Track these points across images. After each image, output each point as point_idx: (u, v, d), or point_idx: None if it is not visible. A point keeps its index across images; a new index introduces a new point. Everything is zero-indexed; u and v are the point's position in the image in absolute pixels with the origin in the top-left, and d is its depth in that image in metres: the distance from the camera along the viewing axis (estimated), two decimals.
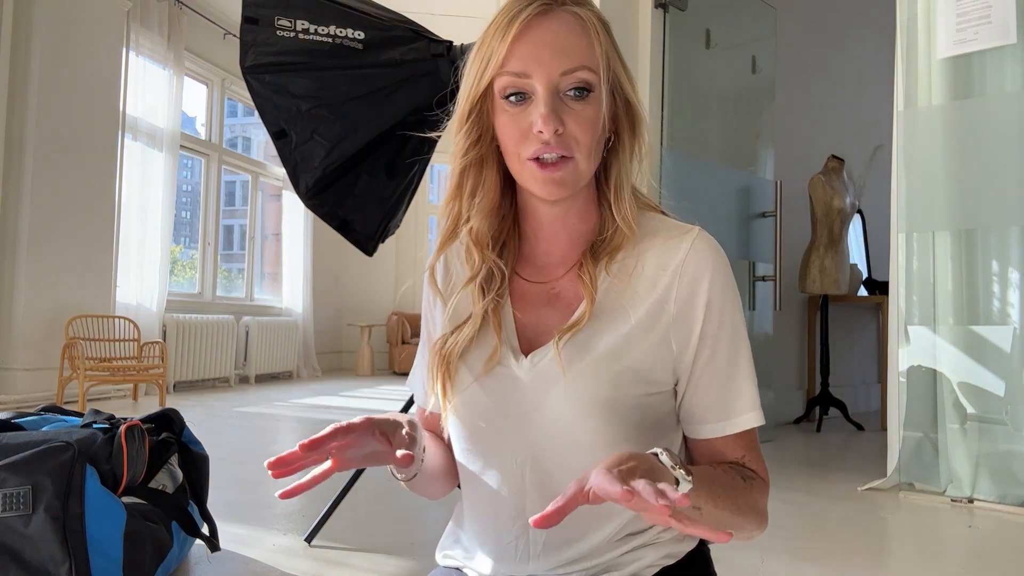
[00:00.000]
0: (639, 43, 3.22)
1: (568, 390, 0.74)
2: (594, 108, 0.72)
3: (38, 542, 1.28)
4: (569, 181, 0.73)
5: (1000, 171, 2.58)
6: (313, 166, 1.90)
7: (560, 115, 0.71)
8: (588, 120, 0.72)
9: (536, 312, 0.79)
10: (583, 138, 0.72)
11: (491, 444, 0.79)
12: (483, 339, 0.79)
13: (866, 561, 1.94)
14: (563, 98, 0.72)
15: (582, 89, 0.71)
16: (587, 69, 0.71)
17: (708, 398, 0.77)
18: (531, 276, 0.81)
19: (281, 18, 1.87)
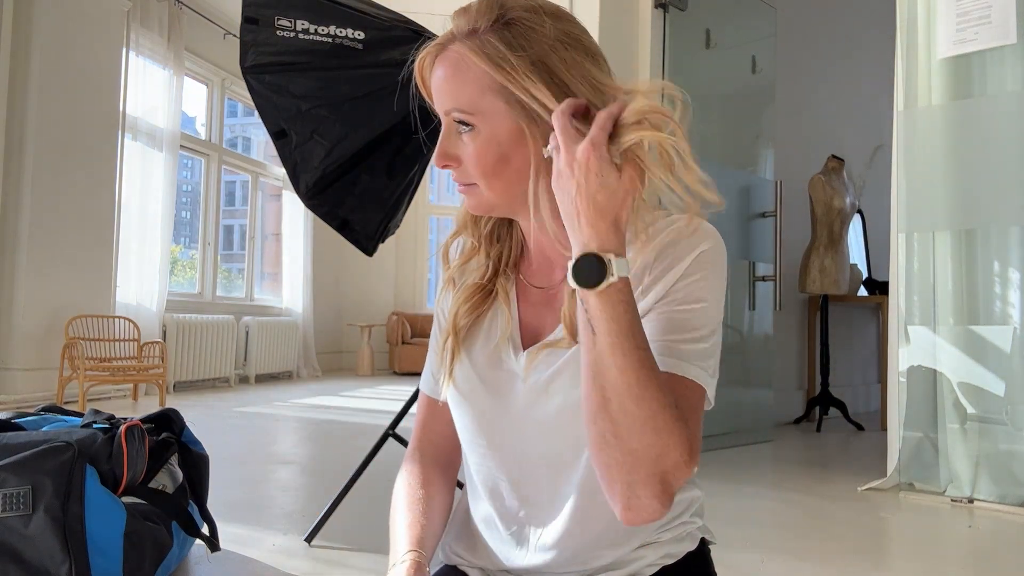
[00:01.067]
0: (639, 43, 3.22)
1: (562, 387, 0.75)
2: (480, 140, 0.74)
3: (38, 542, 1.28)
4: (480, 205, 0.78)
5: (1000, 171, 2.58)
6: (313, 166, 1.90)
7: (452, 151, 0.76)
8: (473, 153, 0.74)
9: (536, 312, 0.81)
10: (474, 169, 0.75)
11: (489, 434, 0.81)
12: (487, 330, 0.82)
13: (866, 561, 1.94)
14: (460, 134, 0.76)
15: (463, 124, 0.74)
16: (457, 110, 0.74)
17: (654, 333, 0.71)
18: (532, 278, 0.83)
19: (281, 18, 1.87)
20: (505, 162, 0.74)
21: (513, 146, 0.74)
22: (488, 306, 0.83)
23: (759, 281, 3.76)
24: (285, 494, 2.54)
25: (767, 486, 2.83)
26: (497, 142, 0.74)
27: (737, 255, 3.66)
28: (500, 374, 0.80)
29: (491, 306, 0.83)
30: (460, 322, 0.83)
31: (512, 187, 0.76)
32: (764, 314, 3.82)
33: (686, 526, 0.82)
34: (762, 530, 2.18)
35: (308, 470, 2.99)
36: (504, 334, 0.81)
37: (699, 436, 0.68)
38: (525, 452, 0.78)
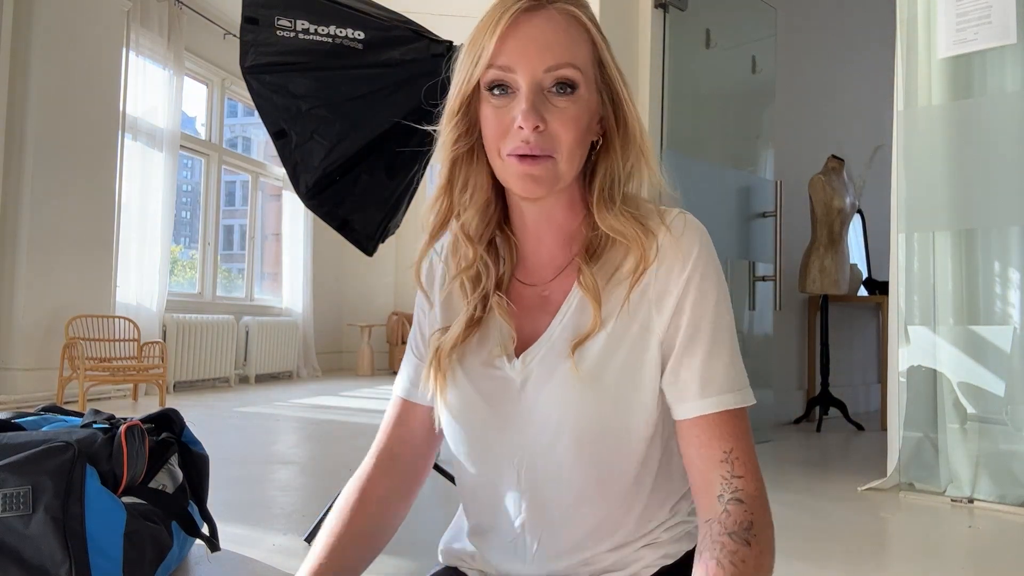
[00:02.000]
0: (639, 43, 3.22)
1: (559, 389, 0.74)
2: (578, 107, 0.71)
3: (38, 542, 1.28)
4: (546, 179, 0.72)
5: (1000, 171, 2.58)
6: (313, 166, 1.90)
7: (542, 112, 0.70)
8: (571, 118, 0.71)
9: (529, 315, 0.79)
10: (565, 136, 0.71)
11: (487, 445, 0.79)
12: (479, 339, 0.79)
13: (866, 561, 1.94)
14: (547, 95, 0.71)
15: (566, 86, 0.70)
16: (572, 67, 0.70)
17: (685, 376, 0.74)
18: (525, 278, 0.81)
19: (281, 18, 1.87)
20: (589, 131, 0.74)
21: (595, 117, 0.74)
22: (483, 322, 0.80)
23: (759, 281, 3.76)
24: (285, 494, 2.54)
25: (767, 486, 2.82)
26: (591, 110, 0.73)
27: (737, 255, 3.66)
28: (496, 383, 0.77)
29: (486, 317, 0.80)
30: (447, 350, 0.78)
31: (582, 161, 0.74)
32: (764, 314, 3.82)
33: (685, 526, 0.82)
34: None
35: (308, 470, 2.99)
36: (499, 341, 0.78)
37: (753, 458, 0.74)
38: (522, 457, 0.77)
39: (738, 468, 0.72)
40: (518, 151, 0.71)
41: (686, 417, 0.74)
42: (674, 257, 0.74)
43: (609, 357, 0.74)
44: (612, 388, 0.74)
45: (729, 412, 0.74)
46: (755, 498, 0.70)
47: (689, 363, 0.74)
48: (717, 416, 0.73)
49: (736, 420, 0.74)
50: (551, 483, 0.76)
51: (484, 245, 0.79)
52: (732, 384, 0.74)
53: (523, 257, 0.81)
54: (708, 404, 0.73)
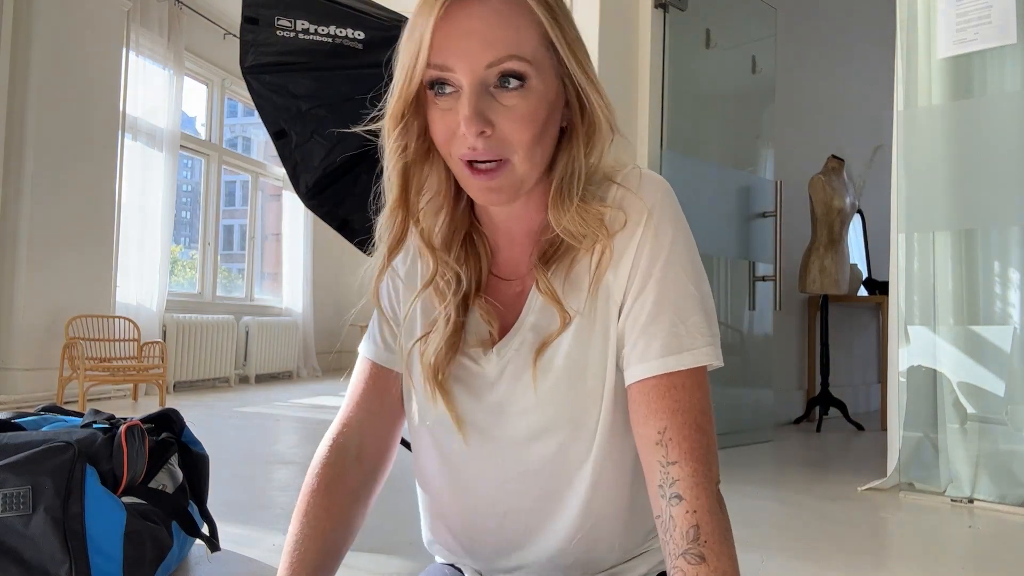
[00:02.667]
0: (639, 43, 3.22)
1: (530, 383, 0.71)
2: (529, 101, 0.63)
3: (38, 542, 1.28)
4: (507, 187, 0.66)
5: (1000, 171, 2.58)
6: (313, 166, 1.90)
7: (487, 114, 0.63)
8: (522, 116, 0.63)
9: (507, 311, 0.75)
10: (517, 137, 0.63)
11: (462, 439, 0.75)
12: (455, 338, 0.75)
13: (866, 561, 1.94)
14: (494, 92, 0.63)
15: (512, 79, 0.62)
16: (516, 58, 0.62)
17: (629, 338, 0.69)
18: (501, 273, 0.77)
19: (281, 18, 1.87)
20: (549, 124, 0.65)
21: (554, 108, 0.66)
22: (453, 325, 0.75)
23: (759, 281, 3.76)
24: (285, 494, 2.54)
25: (767, 486, 2.82)
26: (548, 100, 0.64)
27: (737, 255, 3.66)
28: (469, 375, 0.74)
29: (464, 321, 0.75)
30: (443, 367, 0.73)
31: (544, 160, 0.67)
32: (764, 314, 3.82)
33: None
34: (762, 530, 2.18)
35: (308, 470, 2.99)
36: (475, 336, 0.75)
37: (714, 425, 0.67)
38: (499, 448, 0.74)
39: (672, 451, 0.64)
40: (466, 157, 0.65)
41: (628, 384, 0.69)
42: (630, 220, 0.69)
43: (578, 348, 0.70)
44: (583, 380, 0.70)
45: (667, 379, 0.66)
46: (693, 489, 0.63)
47: (633, 325, 0.68)
48: (654, 384, 0.66)
49: (674, 391, 0.65)
50: (531, 471, 0.73)
51: (454, 249, 0.74)
52: (664, 347, 0.66)
53: (497, 252, 0.77)
54: (642, 369, 0.67)
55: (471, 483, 0.76)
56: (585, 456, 0.72)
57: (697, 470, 0.63)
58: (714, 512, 0.63)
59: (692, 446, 0.64)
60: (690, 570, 0.61)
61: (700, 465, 0.64)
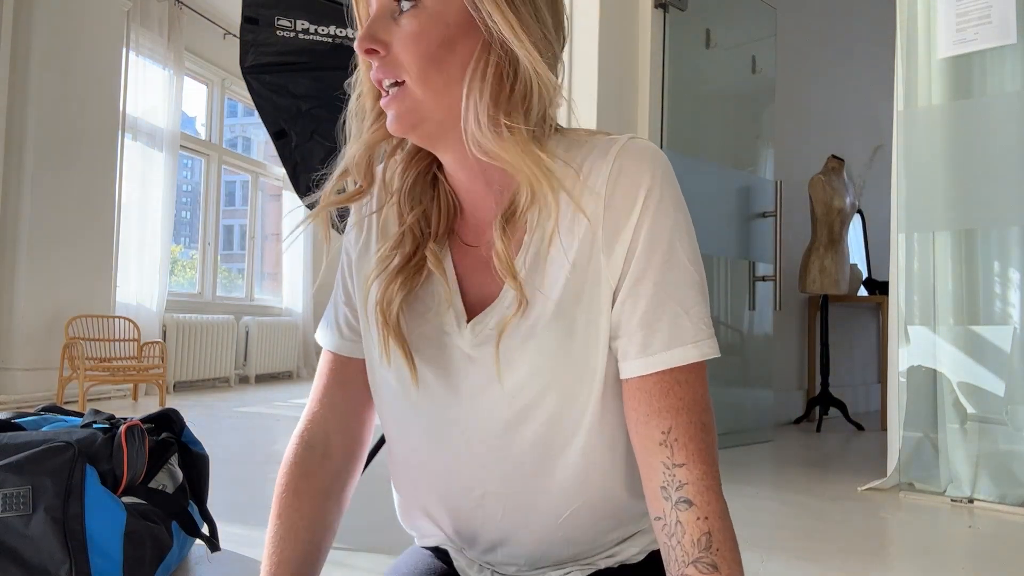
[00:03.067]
0: (639, 43, 3.22)
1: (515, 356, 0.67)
2: (420, 20, 0.62)
3: (38, 542, 1.28)
4: (403, 111, 0.64)
5: (1000, 171, 2.58)
6: (313, 166, 1.90)
7: (382, 36, 0.63)
8: (410, 34, 0.62)
9: (475, 278, 0.71)
10: (405, 57, 0.62)
11: (435, 415, 0.71)
12: (416, 302, 0.71)
13: (866, 561, 1.94)
14: (395, 18, 0.63)
15: (403, 1, 0.62)
16: None
17: (626, 328, 0.65)
18: (468, 239, 0.72)
19: (281, 18, 1.87)
20: (449, 48, 0.62)
21: (459, 32, 0.62)
22: (421, 278, 0.71)
23: (759, 281, 3.76)
24: None
25: (767, 486, 2.82)
26: (444, 22, 0.62)
27: (737, 255, 3.66)
28: (442, 350, 0.69)
29: (425, 277, 0.71)
30: (395, 310, 0.69)
31: (450, 88, 0.63)
32: (764, 314, 3.82)
33: None
34: (762, 530, 2.18)
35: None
36: (443, 306, 0.70)
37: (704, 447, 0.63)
38: (475, 427, 0.69)
39: (678, 454, 0.62)
40: (374, 79, 0.65)
41: (625, 378, 0.66)
42: (624, 194, 0.64)
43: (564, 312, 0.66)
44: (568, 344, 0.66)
45: (670, 375, 0.63)
46: (704, 493, 0.61)
47: (631, 314, 0.64)
48: (656, 380, 0.63)
49: (677, 388, 0.63)
50: (508, 447, 0.69)
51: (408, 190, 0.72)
52: (668, 340, 0.63)
53: (465, 212, 0.72)
54: (643, 364, 0.64)
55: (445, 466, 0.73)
56: (568, 444, 0.68)
57: (707, 473, 0.62)
58: (724, 518, 0.62)
59: (699, 447, 0.62)
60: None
61: (709, 468, 0.62)
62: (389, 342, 0.69)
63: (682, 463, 0.62)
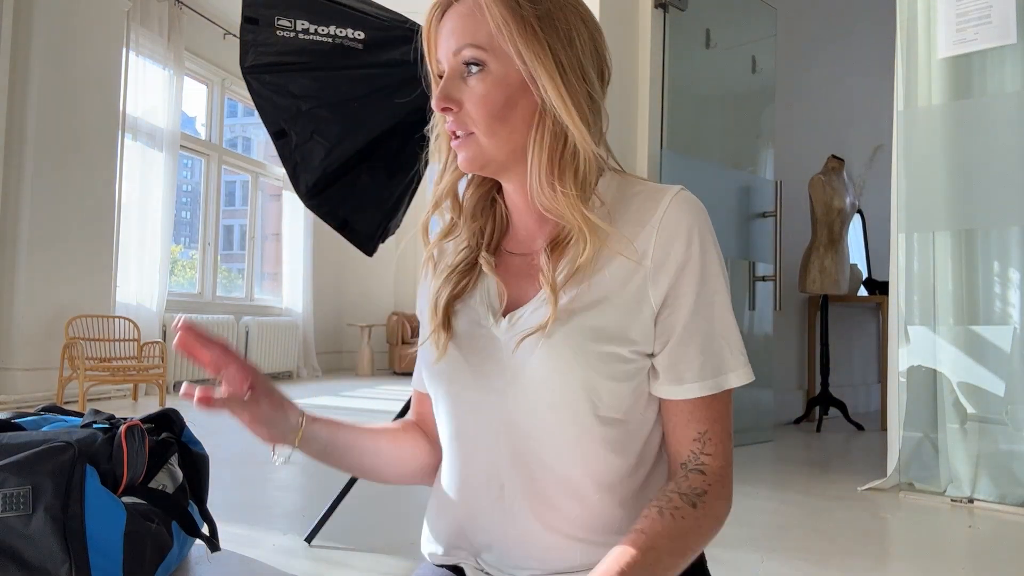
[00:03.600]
0: (639, 43, 3.22)
1: (546, 348, 0.74)
2: (487, 83, 0.74)
3: (38, 542, 1.28)
4: (471, 156, 0.76)
5: (1000, 171, 2.58)
6: (313, 166, 1.90)
7: (456, 95, 0.75)
8: (479, 95, 0.74)
9: (517, 282, 0.80)
10: (476, 113, 0.74)
11: (468, 406, 0.80)
12: (465, 303, 0.82)
13: (866, 561, 1.94)
14: (464, 77, 0.75)
15: (472, 65, 0.74)
16: (472, 46, 0.74)
17: (672, 356, 0.76)
18: (514, 248, 0.83)
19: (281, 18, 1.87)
20: (511, 107, 0.75)
21: (520, 92, 0.75)
22: (471, 281, 0.82)
23: (759, 281, 3.76)
24: (285, 494, 2.54)
25: (767, 486, 2.83)
26: (506, 84, 0.74)
27: (737, 255, 3.66)
28: (478, 342, 0.79)
29: (473, 280, 0.82)
30: (443, 302, 0.81)
31: (512, 137, 0.76)
32: (764, 314, 3.82)
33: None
34: (762, 530, 2.18)
35: (308, 470, 2.99)
36: (483, 302, 0.80)
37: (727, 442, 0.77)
38: (503, 418, 0.77)
39: (708, 447, 0.75)
40: (448, 130, 0.77)
41: (666, 398, 0.77)
42: (674, 231, 0.75)
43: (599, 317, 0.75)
44: (599, 347, 0.74)
45: (710, 396, 0.76)
46: (717, 473, 0.74)
47: (676, 344, 0.76)
48: (697, 400, 0.76)
49: (716, 403, 0.76)
50: (531, 441, 0.76)
51: (471, 208, 0.84)
52: (716, 368, 0.76)
53: (513, 227, 0.84)
54: (688, 390, 0.76)
55: (472, 457, 0.80)
56: (589, 442, 0.75)
57: (726, 468, 0.75)
58: (723, 497, 0.73)
59: (726, 450, 0.76)
60: (678, 502, 0.70)
61: (728, 467, 0.75)
62: (440, 331, 0.80)
63: (710, 453, 0.75)
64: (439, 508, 0.85)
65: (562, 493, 0.76)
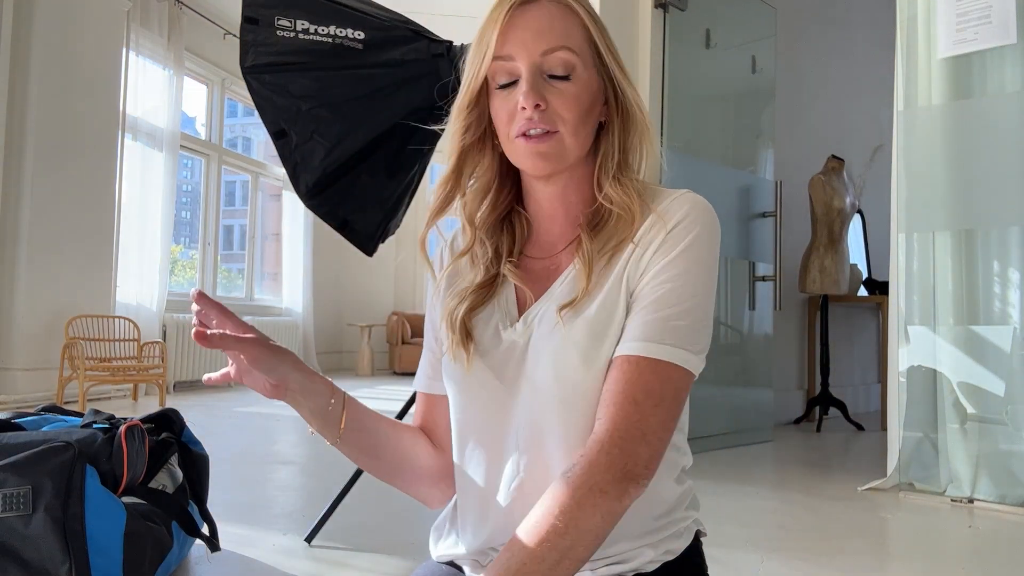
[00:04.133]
0: (639, 43, 3.22)
1: (554, 350, 0.75)
2: (577, 87, 0.76)
3: (38, 542, 1.28)
4: (553, 154, 0.76)
5: (1000, 171, 2.58)
6: (313, 166, 1.90)
7: (542, 92, 0.75)
8: (571, 96, 0.75)
9: (536, 284, 0.82)
10: (567, 114, 0.75)
11: (485, 413, 0.80)
12: (486, 313, 0.83)
13: (866, 561, 1.94)
14: (547, 79, 0.76)
15: (563, 67, 0.75)
16: (567, 49, 0.75)
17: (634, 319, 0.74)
18: (534, 254, 0.85)
19: (281, 18, 1.87)
20: (592, 109, 0.78)
21: (598, 97, 0.79)
22: (487, 295, 0.83)
23: (759, 281, 3.76)
24: (285, 494, 2.54)
25: (767, 486, 2.83)
26: (591, 88, 0.77)
27: (737, 255, 3.66)
28: (503, 351, 0.80)
29: (490, 294, 0.83)
30: (461, 316, 0.81)
31: (588, 139, 0.79)
32: (764, 314, 3.82)
33: (684, 521, 0.82)
34: (762, 530, 2.19)
35: (308, 470, 2.99)
36: (501, 310, 0.82)
37: (669, 421, 0.71)
38: (519, 422, 0.78)
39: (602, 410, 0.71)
40: (523, 130, 0.76)
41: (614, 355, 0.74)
42: (666, 219, 0.76)
43: (601, 323, 0.75)
44: (600, 355, 0.74)
45: (641, 359, 0.71)
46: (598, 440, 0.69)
47: (636, 309, 0.74)
48: (624, 360, 0.72)
49: (643, 372, 0.71)
50: (547, 443, 0.76)
51: (488, 227, 0.84)
52: (660, 336, 0.72)
53: (535, 235, 0.86)
54: (624, 347, 0.73)
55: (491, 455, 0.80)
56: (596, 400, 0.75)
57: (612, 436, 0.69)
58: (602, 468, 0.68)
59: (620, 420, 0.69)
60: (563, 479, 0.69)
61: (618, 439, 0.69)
62: (460, 346, 0.80)
63: (599, 418, 0.71)
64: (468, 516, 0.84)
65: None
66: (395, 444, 0.87)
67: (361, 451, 0.85)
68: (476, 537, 0.82)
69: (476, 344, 0.81)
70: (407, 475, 0.89)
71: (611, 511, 0.67)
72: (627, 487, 0.67)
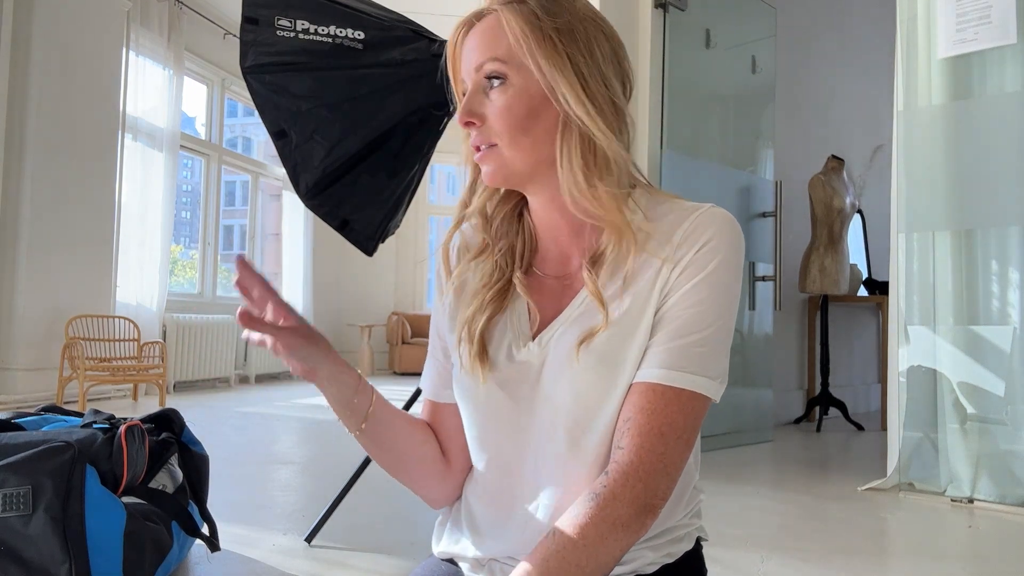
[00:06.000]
0: (639, 43, 3.22)
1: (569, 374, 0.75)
2: (508, 95, 0.75)
3: (38, 542, 1.28)
4: (495, 168, 0.77)
5: (1000, 171, 2.58)
6: (313, 166, 1.90)
7: (479, 109, 0.76)
8: (501, 107, 0.75)
9: (548, 301, 0.81)
10: (498, 125, 0.75)
11: (502, 432, 0.80)
12: (498, 330, 0.82)
13: (866, 561, 1.94)
14: (487, 92, 0.76)
15: (493, 79, 0.75)
16: (493, 59, 0.75)
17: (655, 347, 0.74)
18: (544, 270, 0.83)
19: (281, 18, 1.87)
20: (534, 118, 0.75)
21: (542, 104, 0.75)
22: (502, 304, 0.82)
23: (759, 281, 3.76)
24: (285, 494, 2.54)
25: (767, 486, 2.83)
26: (528, 95, 0.75)
27: None
28: (516, 369, 0.79)
29: (504, 303, 0.82)
30: (479, 329, 0.80)
31: (536, 148, 0.76)
32: (764, 314, 3.82)
33: (687, 527, 0.83)
34: (762, 530, 2.19)
35: (308, 470, 2.99)
36: (514, 326, 0.80)
37: (688, 451, 0.72)
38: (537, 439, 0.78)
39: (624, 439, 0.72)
40: (472, 144, 0.78)
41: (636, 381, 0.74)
42: (696, 237, 0.75)
43: (621, 351, 0.75)
44: (619, 381, 0.74)
45: (661, 387, 0.72)
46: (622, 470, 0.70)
47: (659, 334, 0.74)
48: (645, 386, 0.72)
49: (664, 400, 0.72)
50: (564, 457, 0.76)
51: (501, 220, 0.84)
52: (682, 365, 0.72)
53: (543, 249, 0.84)
54: (644, 374, 0.73)
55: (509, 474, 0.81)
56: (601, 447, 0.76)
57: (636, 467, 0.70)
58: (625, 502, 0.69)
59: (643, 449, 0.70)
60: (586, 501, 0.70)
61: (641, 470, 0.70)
62: (474, 357, 0.80)
63: (622, 447, 0.71)
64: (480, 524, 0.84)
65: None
66: (410, 442, 0.87)
67: (378, 445, 0.85)
68: (486, 546, 0.82)
69: (490, 360, 0.80)
70: (417, 472, 0.88)
71: (630, 543, 0.70)
72: (645, 520, 0.70)
